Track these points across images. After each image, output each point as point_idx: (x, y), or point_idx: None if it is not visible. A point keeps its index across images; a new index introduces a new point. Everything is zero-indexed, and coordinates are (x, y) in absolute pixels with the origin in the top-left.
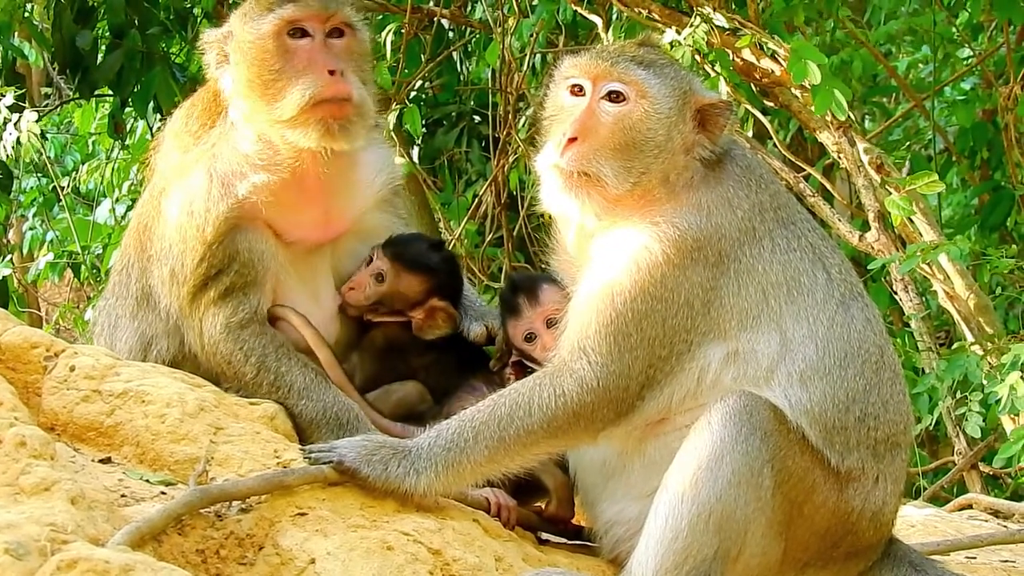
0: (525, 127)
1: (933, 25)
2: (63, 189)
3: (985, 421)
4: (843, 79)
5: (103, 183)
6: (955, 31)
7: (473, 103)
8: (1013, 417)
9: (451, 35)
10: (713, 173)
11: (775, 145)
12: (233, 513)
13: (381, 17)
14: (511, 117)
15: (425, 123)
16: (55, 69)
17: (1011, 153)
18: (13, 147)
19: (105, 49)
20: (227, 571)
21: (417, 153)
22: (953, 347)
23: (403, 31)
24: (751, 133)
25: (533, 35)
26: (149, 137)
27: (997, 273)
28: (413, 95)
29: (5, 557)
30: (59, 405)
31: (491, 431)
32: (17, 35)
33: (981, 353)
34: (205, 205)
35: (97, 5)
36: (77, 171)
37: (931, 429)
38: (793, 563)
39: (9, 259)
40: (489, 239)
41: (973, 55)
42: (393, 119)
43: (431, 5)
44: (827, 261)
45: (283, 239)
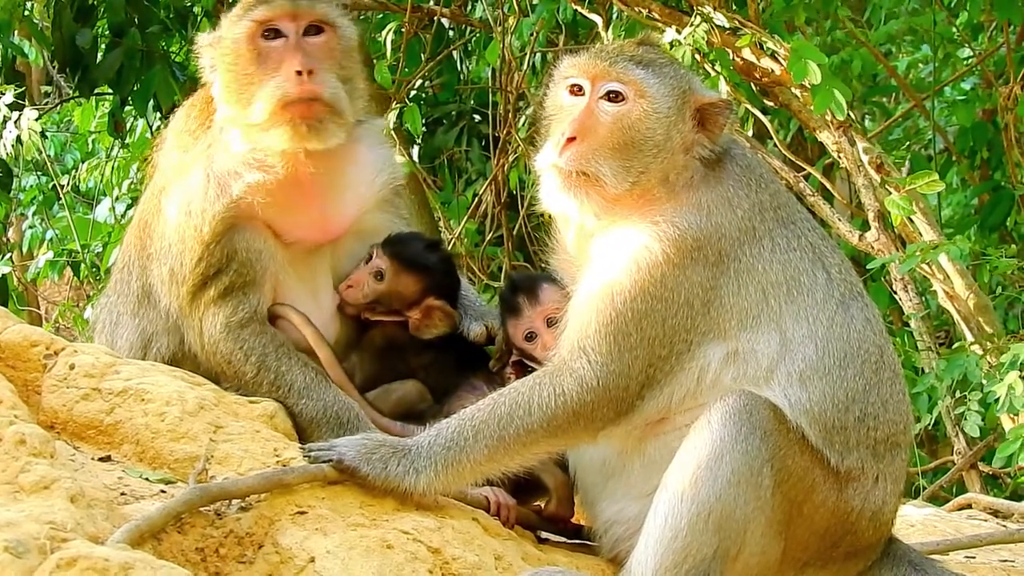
0: (525, 126)
1: (933, 25)
2: (63, 187)
3: (984, 421)
4: (843, 79)
5: (103, 182)
6: (955, 31)
7: (473, 102)
8: (1012, 417)
9: (451, 34)
10: (713, 172)
11: (775, 145)
12: (233, 511)
13: (381, 16)
14: (511, 116)
15: (425, 122)
16: (55, 67)
17: (1011, 153)
18: (13, 145)
19: (105, 48)
20: (226, 569)
21: (417, 152)
22: (953, 347)
23: (403, 30)
24: (751, 133)
25: (533, 34)
26: (149, 136)
27: (997, 273)
28: (413, 94)
29: (5, 555)
30: (59, 403)
31: (491, 430)
32: (17, 33)
33: (980, 353)
34: (202, 205)
35: (97, 4)
36: (77, 169)
37: (930, 429)
38: (793, 562)
39: (9, 257)
40: (489, 238)
41: (973, 55)
42: (393, 118)
43: (431, 4)
44: (827, 261)
45: (282, 239)
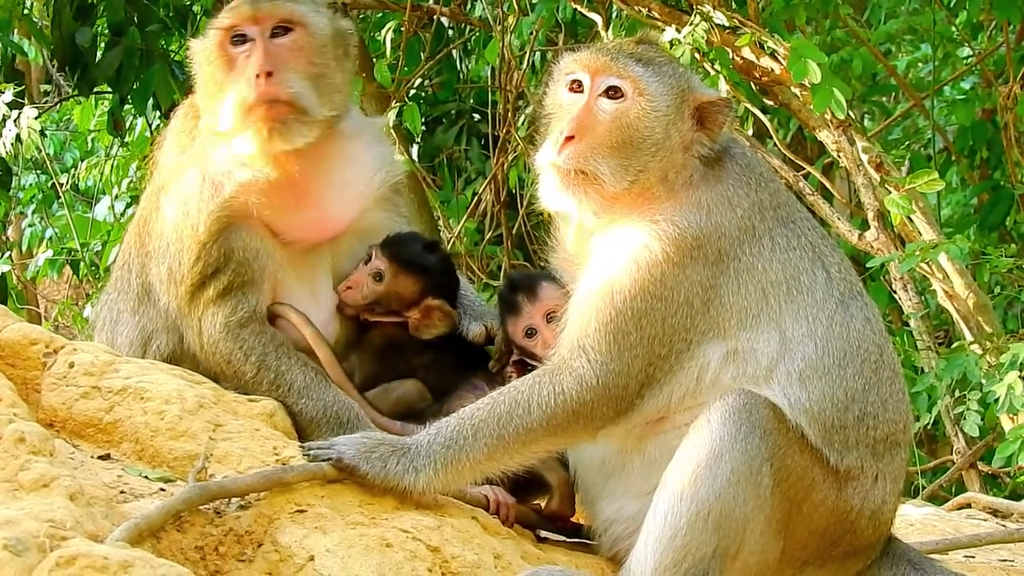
0: (525, 125)
1: (933, 24)
2: (62, 186)
3: (984, 420)
4: (843, 78)
5: (102, 180)
6: (955, 30)
7: (473, 101)
8: (1012, 416)
9: (451, 33)
10: (713, 171)
11: (775, 144)
12: (232, 510)
13: (381, 15)
14: (511, 115)
15: (424, 121)
16: (54, 66)
17: (1010, 152)
18: (12, 144)
19: (104, 46)
20: (226, 568)
21: (416, 151)
22: (952, 346)
23: (403, 29)
24: (751, 132)
25: (533, 33)
26: (148, 134)
27: (996, 272)
28: (413, 93)
29: (4, 553)
30: (58, 401)
31: (490, 429)
32: (16, 32)
33: (980, 352)
34: (198, 205)
35: (96, 2)
36: (76, 168)
37: (930, 428)
38: (792, 561)
39: (8, 256)
40: (488, 237)
41: (973, 54)
42: (392, 117)
43: (431, 3)
44: (826, 260)
45: (280, 238)
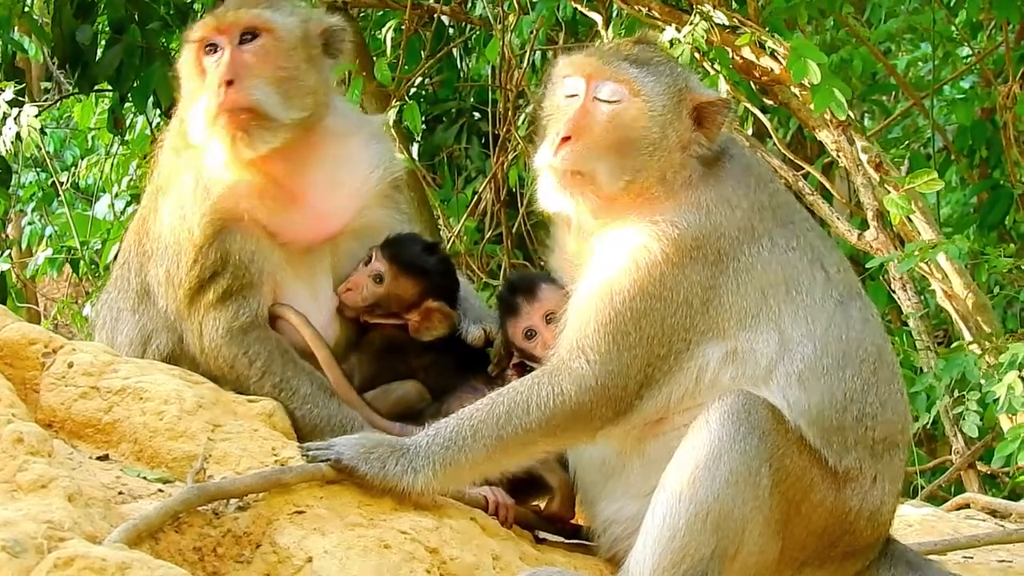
0: (525, 124)
1: (932, 23)
2: (62, 184)
3: (983, 420)
4: (842, 77)
5: (102, 178)
6: (954, 29)
7: (473, 100)
8: (1011, 416)
9: (451, 32)
10: (712, 172)
11: (774, 143)
12: (231, 511)
13: (381, 13)
14: (511, 114)
15: (425, 120)
16: (55, 64)
17: (1010, 152)
18: (12, 142)
19: (105, 44)
20: (224, 569)
21: (416, 150)
22: (951, 346)
23: (403, 27)
24: (751, 131)
25: (533, 32)
26: (148, 132)
27: (995, 272)
28: (413, 91)
29: (2, 554)
30: (57, 401)
31: (489, 430)
32: (17, 30)
33: (979, 352)
34: (192, 208)
35: (97, 0)
36: (76, 166)
37: (929, 428)
38: (790, 562)
39: (8, 254)
40: (488, 236)
41: (972, 53)
42: (393, 115)
43: (431, 2)
44: (826, 260)
45: (277, 239)
